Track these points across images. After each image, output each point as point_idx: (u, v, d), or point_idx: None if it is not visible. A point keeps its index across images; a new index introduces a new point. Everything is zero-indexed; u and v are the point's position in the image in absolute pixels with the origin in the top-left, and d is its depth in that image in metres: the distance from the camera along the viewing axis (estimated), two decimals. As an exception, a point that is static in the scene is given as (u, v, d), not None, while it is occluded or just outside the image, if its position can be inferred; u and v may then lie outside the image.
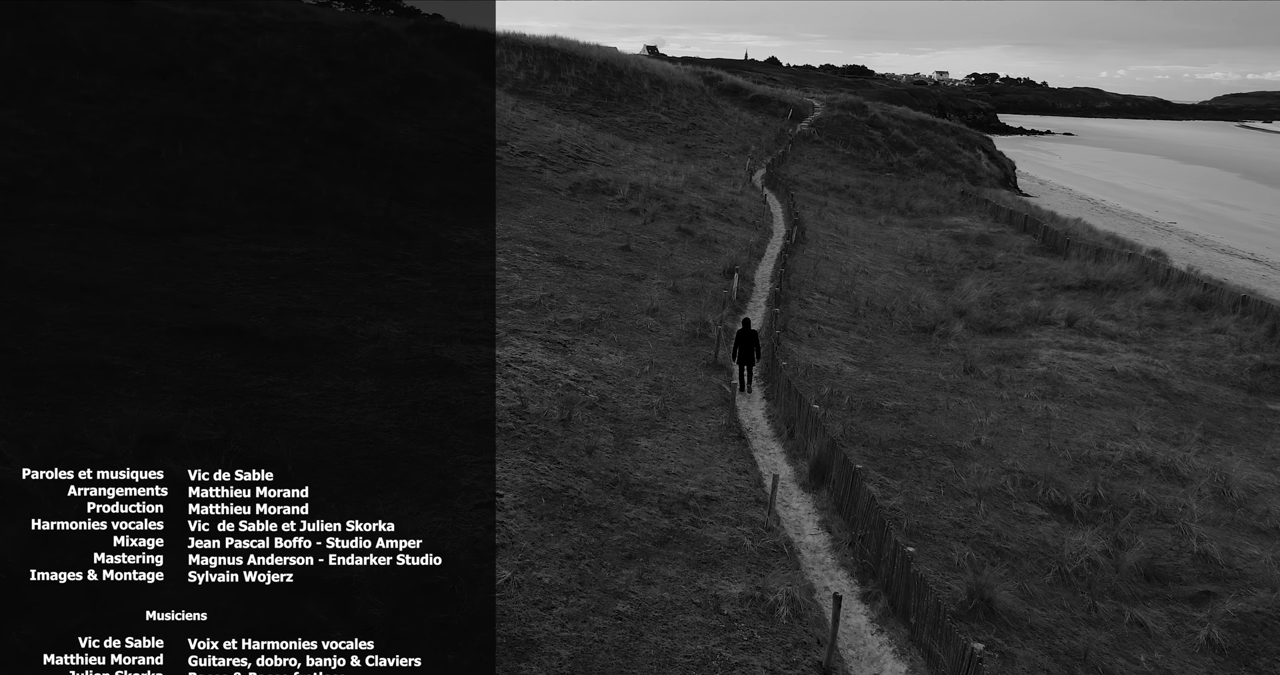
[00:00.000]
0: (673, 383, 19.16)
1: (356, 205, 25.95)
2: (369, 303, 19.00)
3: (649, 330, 22.54)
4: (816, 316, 27.16)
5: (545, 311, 21.30)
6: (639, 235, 31.39)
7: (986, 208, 52.54)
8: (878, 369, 23.07)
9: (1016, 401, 21.08)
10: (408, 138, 32.91)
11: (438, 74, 40.78)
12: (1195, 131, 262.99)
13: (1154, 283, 33.08)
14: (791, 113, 78.67)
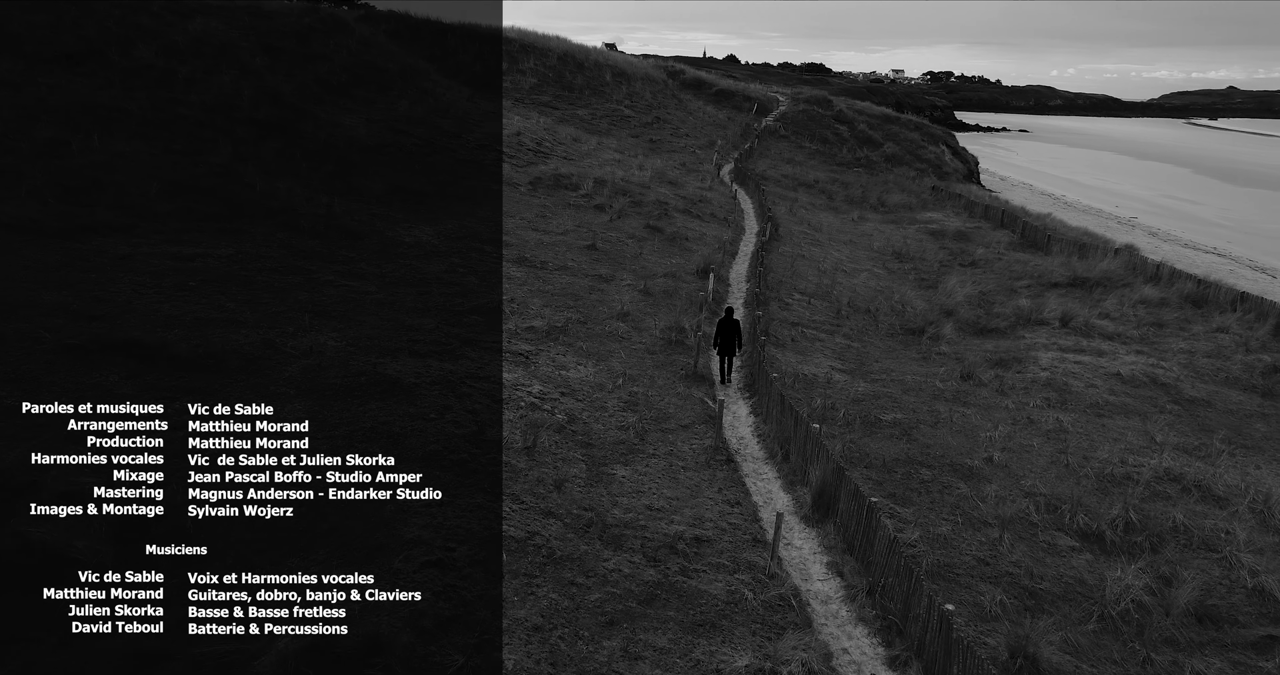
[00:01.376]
0: (649, 397, 17.07)
1: (294, 201, 23.52)
2: (303, 311, 16.68)
3: (620, 337, 20.43)
4: (798, 319, 25.24)
5: (505, 318, 19.10)
6: (605, 233, 29.26)
7: (960, 203, 51.16)
8: (869, 377, 21.19)
9: (1024, 411, 19.30)
10: (354, 129, 30.45)
11: (388, 63, 38.27)
12: (1145, 128, 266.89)
13: (1144, 279, 31.67)
14: (756, 107, 76.95)
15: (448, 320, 18.10)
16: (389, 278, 20.21)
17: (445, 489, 10.95)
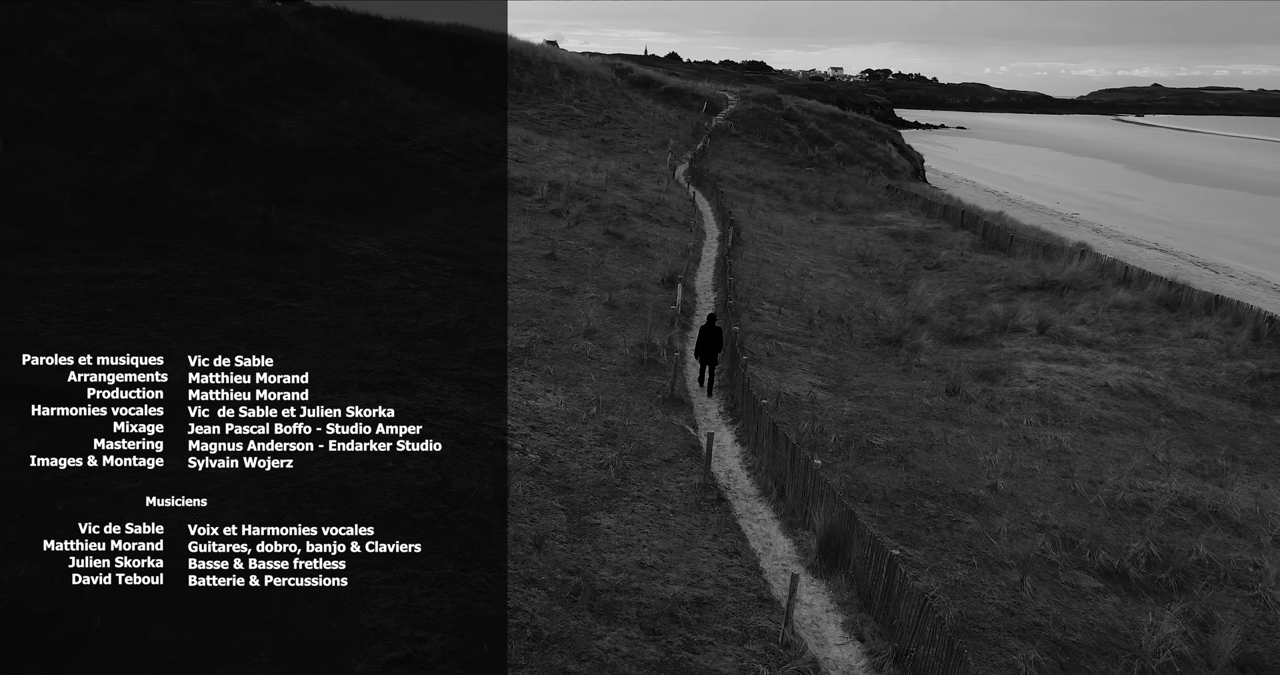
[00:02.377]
0: (627, 428, 15.59)
1: (227, 212, 21.54)
2: (237, 339, 14.86)
3: (588, 358, 18.92)
4: (771, 330, 23.98)
5: (464, 340, 17.46)
6: (564, 240, 27.69)
7: (917, 203, 50.57)
8: (852, 394, 19.99)
9: (1019, 430, 18.26)
10: (291, 131, 28.42)
11: (326, 60, 36.18)
12: (1077, 125, 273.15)
13: (1114, 282, 31.10)
14: (706, 105, 75.89)
15: (401, 345, 16.41)
16: (334, 297, 18.42)
17: (410, 558, 9.38)
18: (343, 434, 9.89)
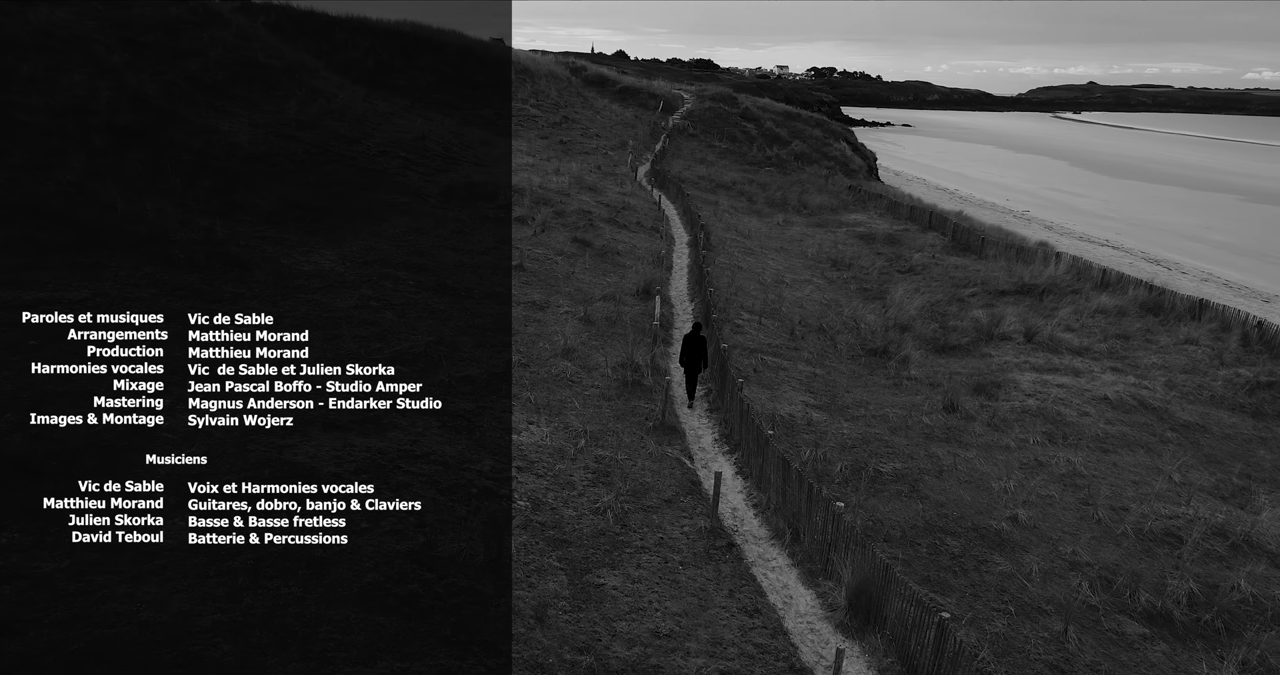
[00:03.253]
0: (620, 463, 14.24)
1: (166, 225, 19.70)
2: (182, 374, 13.18)
3: (569, 381, 17.52)
4: (754, 343, 22.80)
5: (434, 365, 15.94)
6: (531, 250, 26.21)
7: (882, 204, 49.92)
8: (847, 413, 18.87)
9: (1026, 450, 17.30)
10: (236, 135, 26.49)
11: (271, 59, 34.11)
12: (1017, 122, 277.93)
13: (1093, 286, 30.54)
14: (662, 105, 74.74)
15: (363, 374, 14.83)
16: (288, 319, 16.74)
17: (394, 645, 7.95)
18: (311, 510, 8.67)
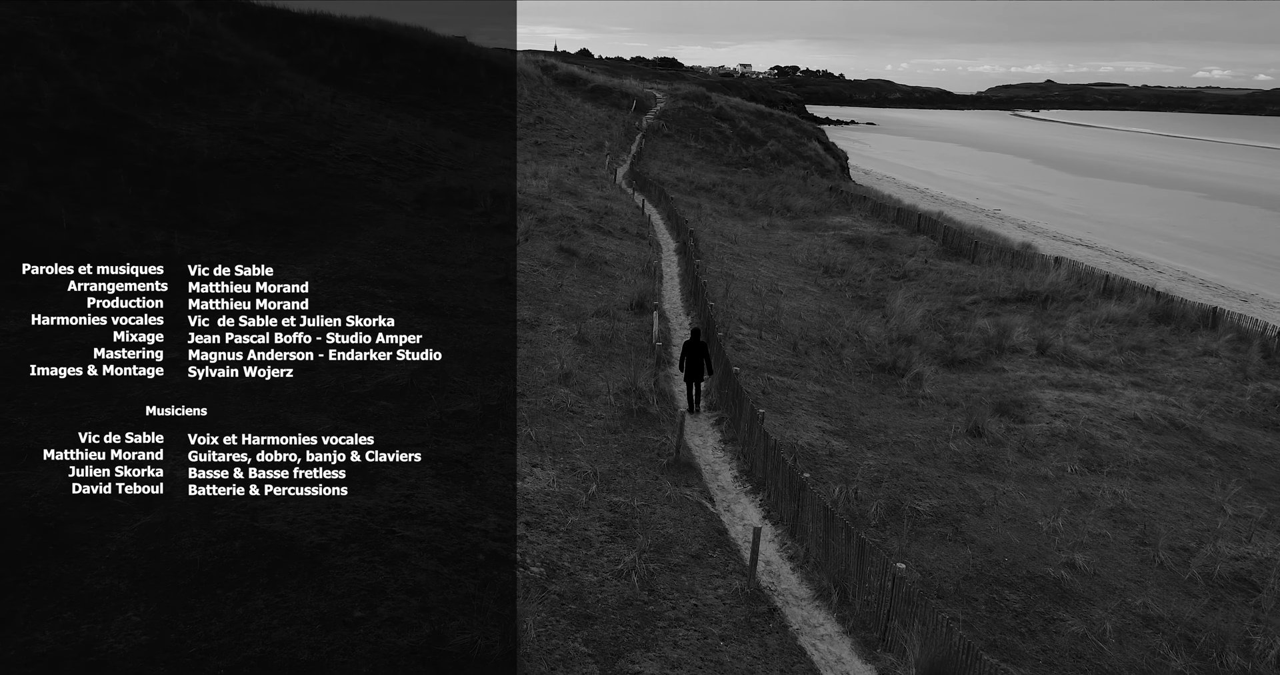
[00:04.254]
0: (636, 511, 12.71)
1: (118, 240, 17.89)
2: (129, 420, 11.47)
3: (570, 412, 15.96)
4: (758, 360, 21.39)
5: (422, 399, 14.32)
6: (516, 260, 24.57)
7: (866, 206, 48.81)
8: (867, 440, 17.51)
9: (1065, 480, 16.02)
10: (194, 140, 24.59)
11: (231, 57, 32.12)
12: (978, 120, 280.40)
13: (1096, 293, 29.51)
14: (635, 104, 73.28)
15: (346, 412, 13.21)
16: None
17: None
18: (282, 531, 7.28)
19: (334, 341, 9.79)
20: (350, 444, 11.88)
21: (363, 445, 12.17)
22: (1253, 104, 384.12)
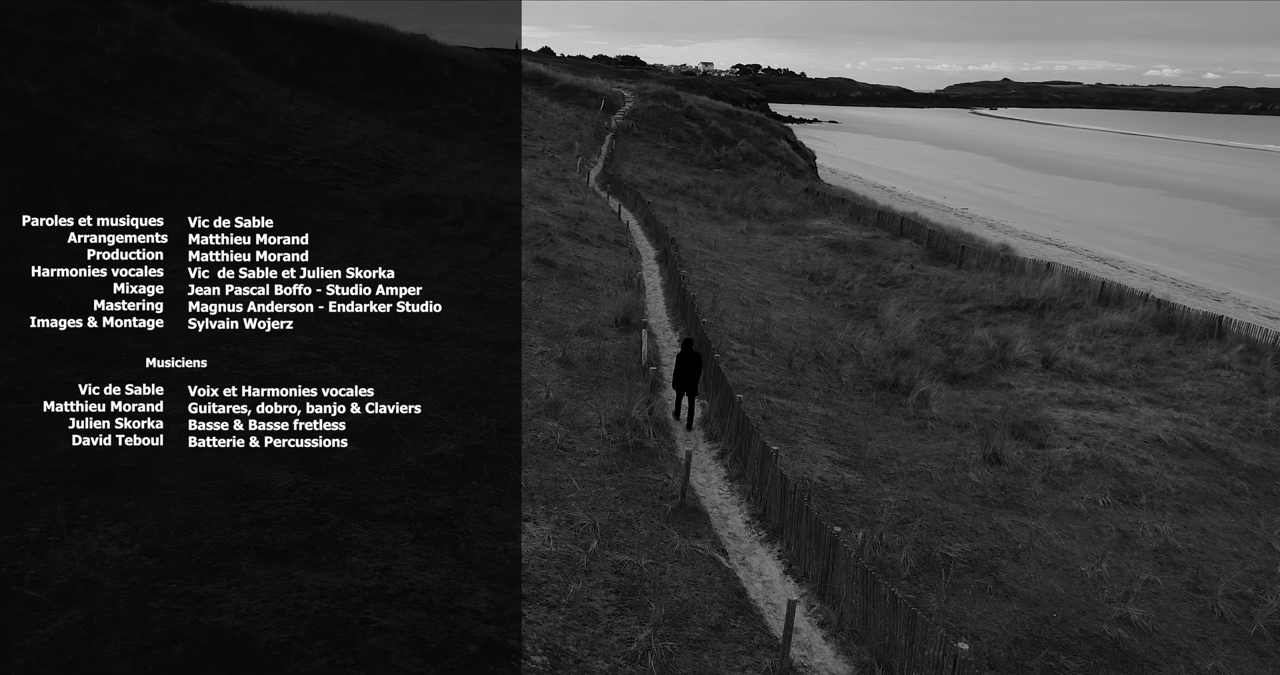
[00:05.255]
0: (644, 572, 11.19)
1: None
2: (60, 481, 9.76)
3: (561, 450, 14.39)
4: (754, 380, 19.97)
5: (395, 442, 12.67)
6: (491, 273, 22.91)
7: (845, 208, 47.70)
8: (880, 471, 16.16)
9: (1100, 515, 14.77)
10: (138, 144, 22.64)
11: (180, 55, 30.09)
12: (938, 118, 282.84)
13: (1093, 300, 28.52)
14: (603, 103, 71.74)
15: (309, 463, 11.52)
16: (202, 381, 13.26)
17: None
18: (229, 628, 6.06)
19: (334, 293, 9.69)
20: (309, 507, 10.30)
21: (327, 501, 10.58)
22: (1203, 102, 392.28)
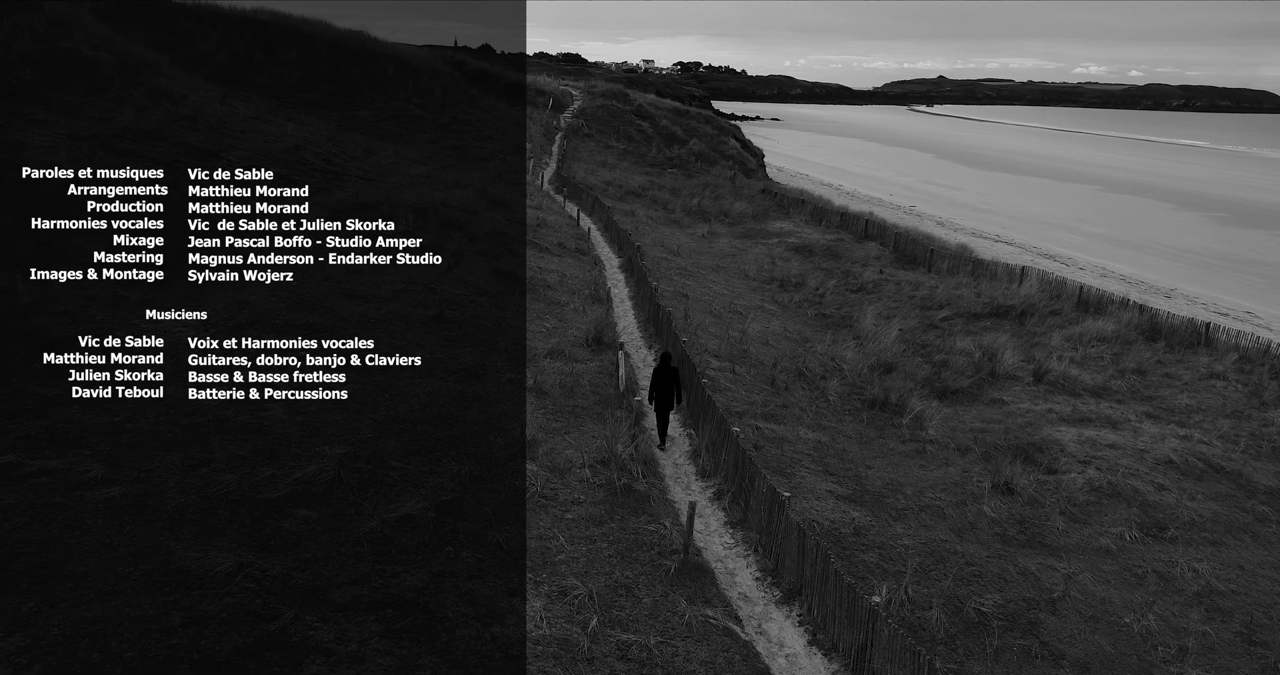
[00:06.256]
0: (655, 656, 9.60)
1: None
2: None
3: (542, 499, 12.75)
4: (739, 403, 18.53)
5: (353, 502, 10.92)
6: (448, 289, 21.11)
7: (805, 210, 46.64)
8: (886, 506, 14.84)
9: (1129, 552, 13.62)
10: (50, 152, 20.35)
11: (100, 52, 27.62)
12: (878, 115, 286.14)
13: (1072, 306, 27.70)
14: (552, 102, 69.90)
15: (252, 536, 9.74)
16: (125, 436, 11.38)
17: None
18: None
19: (334, 245, 9.69)
20: (255, 597, 8.54)
21: (276, 588, 8.84)
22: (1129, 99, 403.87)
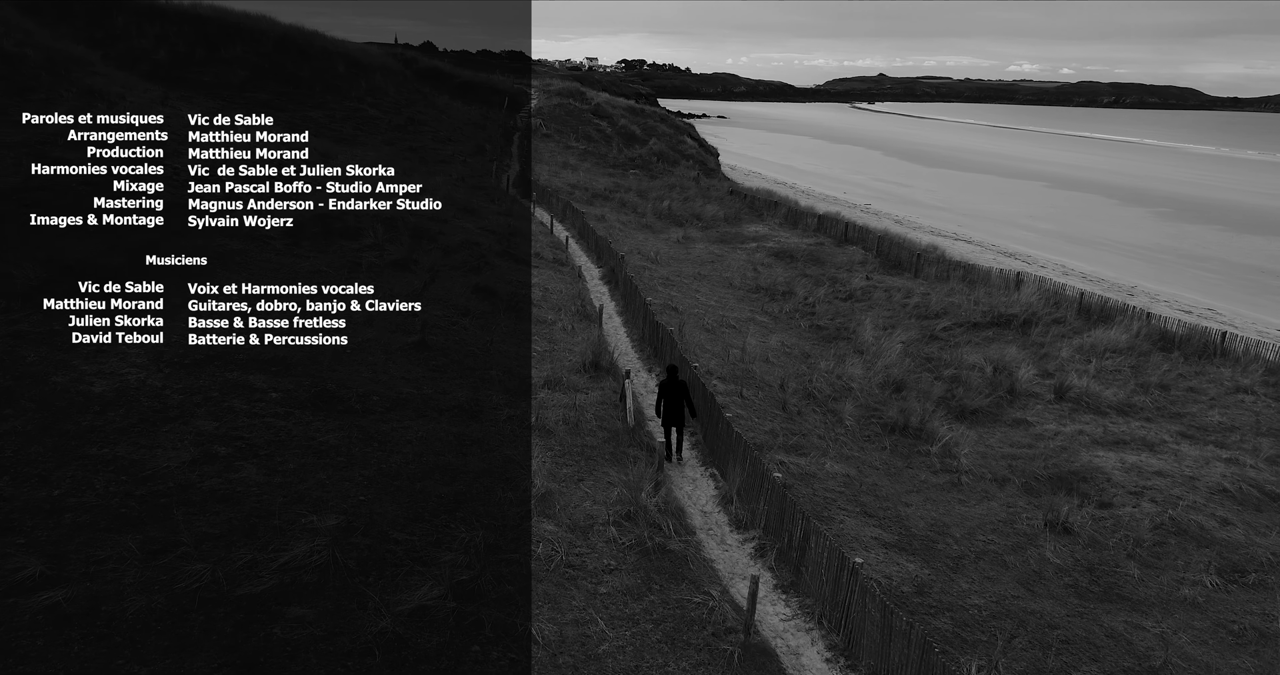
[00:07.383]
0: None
1: None
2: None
3: (569, 569, 10.95)
4: (757, 434, 16.92)
5: (354, 591, 9.03)
6: (428, 310, 19.11)
7: (779, 212, 45.29)
8: (939, 555, 13.35)
9: (1215, 603, 12.30)
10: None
11: (24, 48, 25.03)
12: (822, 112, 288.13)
13: (1074, 314, 26.62)
14: (507, 101, 67.68)
15: (231, 640, 7.81)
16: (69, 509, 9.33)
17: None
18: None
19: (334, 191, 9.78)
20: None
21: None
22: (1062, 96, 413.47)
